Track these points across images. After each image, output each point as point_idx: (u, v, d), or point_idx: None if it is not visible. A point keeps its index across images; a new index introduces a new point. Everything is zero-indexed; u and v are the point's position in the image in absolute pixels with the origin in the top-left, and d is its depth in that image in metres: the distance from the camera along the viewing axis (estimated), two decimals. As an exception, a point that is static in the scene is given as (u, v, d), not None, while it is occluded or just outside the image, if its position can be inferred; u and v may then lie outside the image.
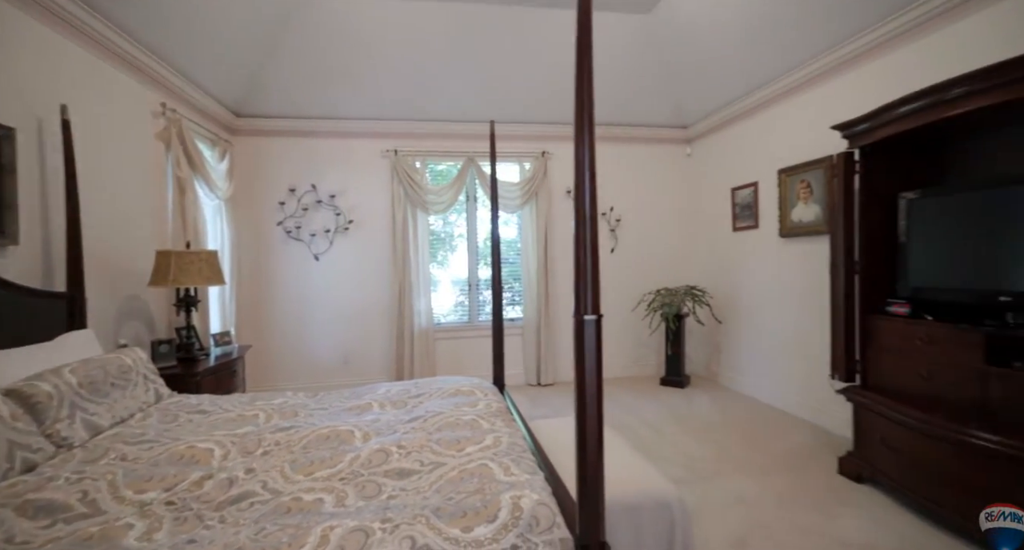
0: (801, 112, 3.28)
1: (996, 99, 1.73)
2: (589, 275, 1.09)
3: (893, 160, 2.43)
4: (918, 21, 2.45)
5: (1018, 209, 1.89)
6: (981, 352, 1.92)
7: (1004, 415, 1.85)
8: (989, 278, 1.98)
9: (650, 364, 4.64)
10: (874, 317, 2.42)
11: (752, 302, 3.85)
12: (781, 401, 3.51)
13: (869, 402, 2.32)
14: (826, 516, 2.08)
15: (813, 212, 3.20)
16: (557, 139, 4.50)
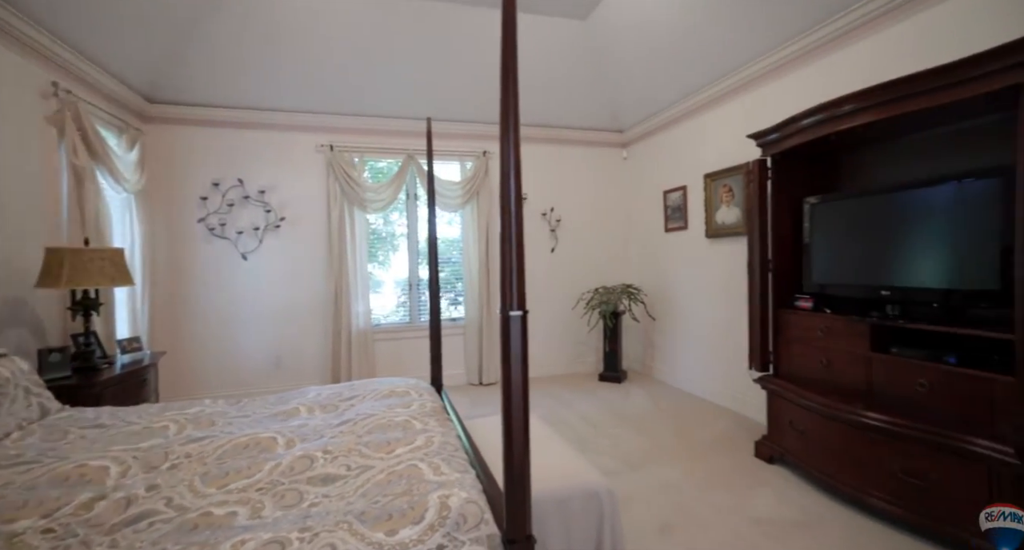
0: (725, 120, 3.51)
1: (876, 116, 1.95)
2: (515, 271, 1.10)
3: (800, 168, 2.67)
4: (825, 40, 2.68)
5: (893, 213, 2.14)
6: (867, 340, 2.16)
7: (884, 395, 2.09)
8: (873, 274, 2.22)
9: (589, 361, 4.78)
10: (784, 311, 2.64)
11: (682, 299, 4.07)
12: (708, 392, 3.74)
13: (779, 389, 2.53)
14: (742, 496, 2.25)
15: (734, 215, 3.44)
16: (498, 138, 4.52)
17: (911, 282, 2.07)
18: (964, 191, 1.88)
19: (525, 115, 4.81)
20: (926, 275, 2.03)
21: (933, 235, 2.01)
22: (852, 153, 2.59)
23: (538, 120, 4.51)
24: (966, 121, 2.03)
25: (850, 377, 2.26)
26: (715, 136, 3.62)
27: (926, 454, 1.84)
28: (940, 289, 1.96)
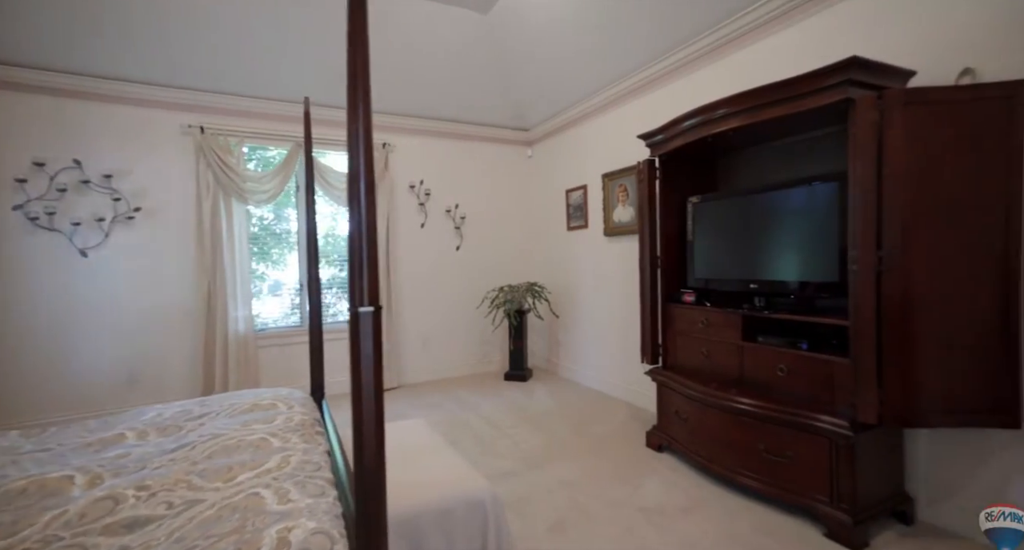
0: (622, 122, 3.62)
1: (743, 121, 2.09)
2: (365, 262, 0.95)
3: (685, 169, 2.81)
4: (711, 48, 2.82)
5: (758, 213, 2.32)
6: (739, 331, 2.32)
7: (753, 381, 2.26)
8: (744, 269, 2.39)
9: (494, 361, 4.73)
10: (671, 306, 2.77)
11: (584, 297, 4.17)
12: (609, 386, 3.86)
13: (667, 380, 2.65)
14: (632, 487, 2.30)
15: (629, 214, 3.57)
16: (401, 131, 4.30)
17: (774, 276, 2.26)
18: (812, 194, 2.08)
19: (428, 108, 4.62)
20: (785, 269, 2.22)
21: (790, 233, 2.20)
22: (728, 156, 2.78)
23: (442, 114, 4.36)
24: (819, 130, 2.25)
25: (726, 366, 2.41)
26: (612, 137, 3.73)
27: (784, 433, 2.00)
28: (796, 282, 2.16)
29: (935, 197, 1.67)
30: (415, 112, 4.26)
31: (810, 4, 2.29)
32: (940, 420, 1.72)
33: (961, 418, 1.71)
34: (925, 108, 1.66)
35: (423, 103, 4.20)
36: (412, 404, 3.69)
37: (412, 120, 4.30)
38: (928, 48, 1.87)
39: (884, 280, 1.72)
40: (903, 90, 1.72)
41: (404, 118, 4.26)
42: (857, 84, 1.75)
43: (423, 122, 4.36)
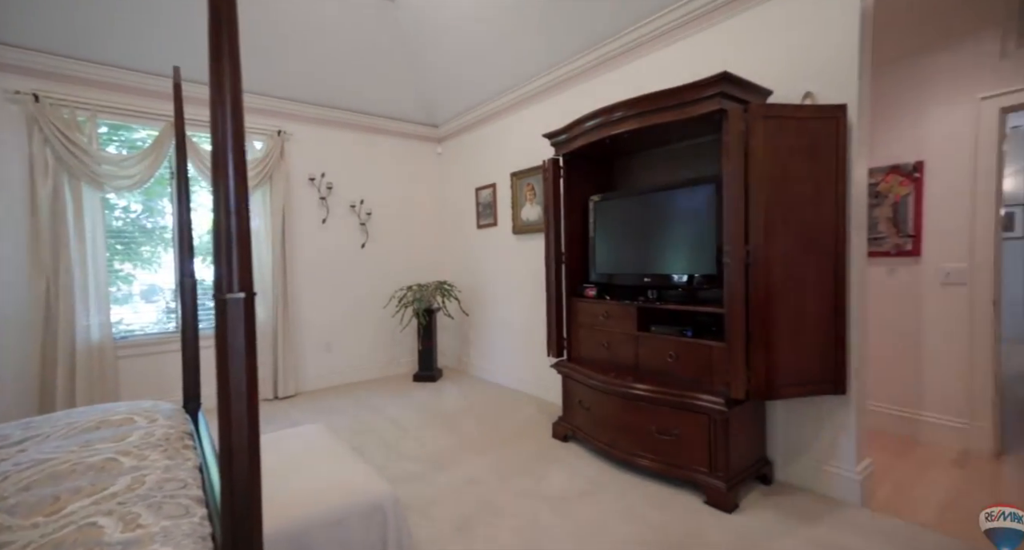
0: (530, 121, 3.69)
1: (637, 124, 2.23)
2: (234, 240, 0.84)
3: (587, 168, 2.95)
4: (612, 54, 2.97)
5: (650, 211, 2.51)
6: (635, 321, 2.48)
7: (647, 368, 2.43)
8: (640, 264, 2.57)
9: (404, 362, 4.58)
10: (575, 300, 2.88)
11: (494, 295, 4.19)
12: (518, 382, 3.91)
13: (571, 372, 2.74)
14: (538, 478, 2.34)
15: (537, 212, 3.66)
16: (300, 119, 3.98)
17: (665, 270, 2.45)
18: (695, 194, 2.29)
19: (331, 97, 4.33)
20: (674, 264, 2.41)
21: (677, 230, 2.40)
22: (625, 158, 2.97)
23: (347, 104, 4.12)
24: (702, 137, 2.48)
25: (624, 355, 2.57)
26: (520, 136, 3.80)
27: (672, 414, 2.17)
28: (683, 275, 2.35)
29: (786, 198, 1.93)
30: (316, 100, 3.98)
31: (693, 24, 2.52)
32: (792, 391, 1.98)
33: (807, 389, 1.99)
34: (778, 122, 1.91)
35: (326, 91, 3.93)
36: (313, 411, 3.43)
37: (313, 108, 4.01)
38: (781, 73, 2.16)
39: (751, 272, 1.94)
40: (763, 105, 1.96)
41: (304, 105, 3.95)
42: (728, 97, 1.96)
43: (326, 111, 4.08)
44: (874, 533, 1.81)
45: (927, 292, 2.65)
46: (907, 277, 2.71)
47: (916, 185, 2.65)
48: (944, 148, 2.57)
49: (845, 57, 1.97)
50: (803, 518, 1.93)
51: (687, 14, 2.50)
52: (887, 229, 2.76)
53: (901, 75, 2.71)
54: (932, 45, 2.59)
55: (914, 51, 2.65)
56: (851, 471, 2.04)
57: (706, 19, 2.46)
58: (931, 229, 2.62)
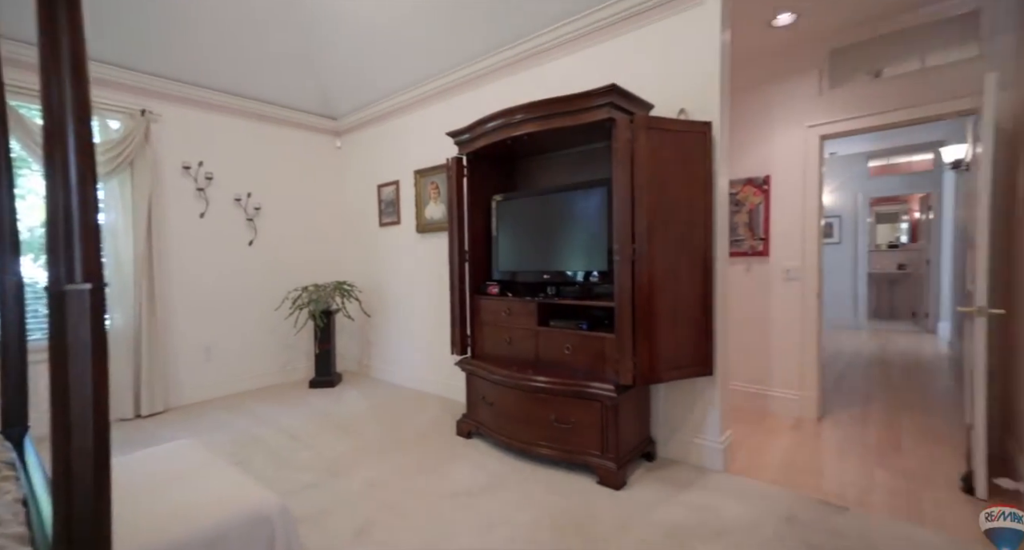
0: (435, 119, 3.66)
1: (536, 127, 2.34)
2: (76, 227, 0.73)
3: (491, 168, 3.01)
4: (516, 58, 3.06)
5: (549, 211, 2.64)
6: (535, 317, 2.59)
7: (546, 361, 2.55)
8: (540, 261, 2.69)
9: (299, 368, 4.26)
10: (478, 297, 2.92)
11: (398, 294, 4.08)
12: (423, 383, 3.85)
13: (474, 368, 2.77)
14: (441, 475, 2.33)
15: (441, 211, 3.65)
16: (172, 99, 3.52)
17: (563, 267, 2.59)
18: (589, 196, 2.46)
19: (211, 76, 3.91)
20: (571, 261, 2.56)
21: (574, 229, 2.55)
22: (527, 160, 3.08)
23: (233, 87, 3.74)
24: (598, 143, 2.65)
25: (525, 349, 2.66)
26: (426, 133, 3.76)
27: (569, 403, 2.30)
28: (579, 272, 2.51)
29: (665, 202, 2.16)
30: (194, 79, 3.55)
31: (588, 37, 2.71)
32: (671, 375, 2.22)
33: (683, 372, 2.24)
34: (659, 133, 2.13)
35: (205, 70, 3.53)
36: (187, 429, 3.03)
37: (189, 88, 3.57)
38: (660, 90, 2.41)
39: (636, 268, 2.13)
40: (647, 117, 2.17)
41: (177, 84, 3.50)
42: (617, 107, 2.14)
43: (205, 93, 3.65)
44: (731, 492, 2.10)
45: (774, 287, 3.13)
46: (759, 274, 3.19)
47: (765, 196, 3.13)
48: (784, 165, 3.07)
49: (710, 81, 2.27)
50: (678, 486, 2.17)
51: (583, 27, 2.68)
52: (745, 232, 3.21)
53: (753, 101, 3.18)
54: (775, 79, 3.09)
55: (763, 82, 3.13)
56: (716, 442, 2.34)
57: (599, 34, 2.66)
58: (776, 233, 3.11)
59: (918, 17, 2.63)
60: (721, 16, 2.24)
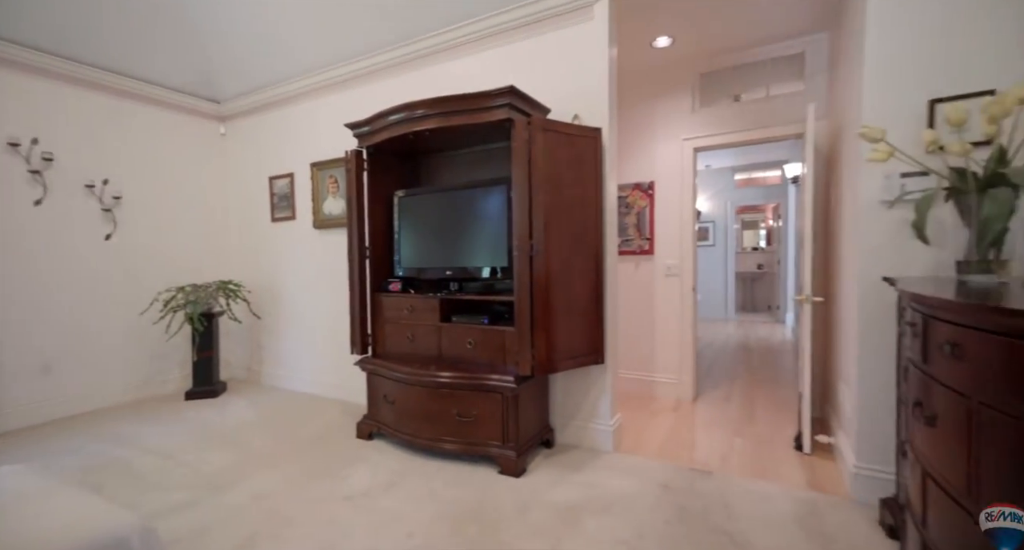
0: (336, 110, 3.46)
1: (438, 123, 2.35)
2: None
3: (393, 164, 2.95)
4: (421, 53, 3.02)
5: (452, 208, 2.67)
6: (438, 313, 2.60)
7: (449, 356, 2.57)
8: (443, 258, 2.70)
9: (173, 378, 3.78)
10: (380, 295, 2.85)
11: (293, 294, 3.81)
12: (321, 386, 3.64)
13: (376, 368, 2.70)
14: (338, 480, 2.24)
15: (340, 206, 3.48)
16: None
17: (466, 263, 2.62)
18: (490, 194, 2.53)
19: (53, 38, 3.39)
20: (474, 257, 2.61)
21: (476, 226, 2.60)
22: (431, 157, 3.06)
23: (83, 54, 3.21)
24: (500, 143, 2.71)
25: (428, 346, 2.65)
26: (323, 124, 3.56)
27: (471, 396, 2.34)
28: (481, 267, 2.57)
29: (561, 201, 2.30)
30: (22, 38, 2.98)
31: (492, 38, 2.77)
32: (567, 365, 2.37)
33: (578, 361, 2.41)
34: (555, 135, 2.27)
35: (45, 29, 2.98)
36: (22, 454, 2.54)
37: (16, 49, 2.99)
38: (557, 94, 2.56)
39: (534, 264, 2.24)
40: (543, 119, 2.30)
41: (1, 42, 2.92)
42: (515, 109, 2.23)
43: (40, 57, 3.09)
44: (619, 469, 2.30)
45: (657, 282, 3.48)
46: (646, 270, 3.52)
47: (650, 200, 3.47)
48: (665, 173, 3.43)
49: (600, 91, 2.47)
50: (573, 468, 2.32)
51: (484, 29, 2.75)
52: (634, 233, 3.53)
53: (641, 112, 3.50)
54: (658, 94, 3.44)
55: (649, 96, 3.47)
56: (607, 425, 2.54)
57: (501, 38, 2.74)
58: (660, 234, 3.47)
59: (762, 54, 3.11)
60: (608, 33, 2.44)
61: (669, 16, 2.73)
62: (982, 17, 1.69)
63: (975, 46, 1.70)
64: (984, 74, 1.67)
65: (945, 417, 1.05)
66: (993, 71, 1.65)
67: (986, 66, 1.67)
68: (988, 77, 1.65)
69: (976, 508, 0.93)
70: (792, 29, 2.88)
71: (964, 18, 1.71)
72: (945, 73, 1.73)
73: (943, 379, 1.06)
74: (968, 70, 1.69)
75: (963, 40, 1.71)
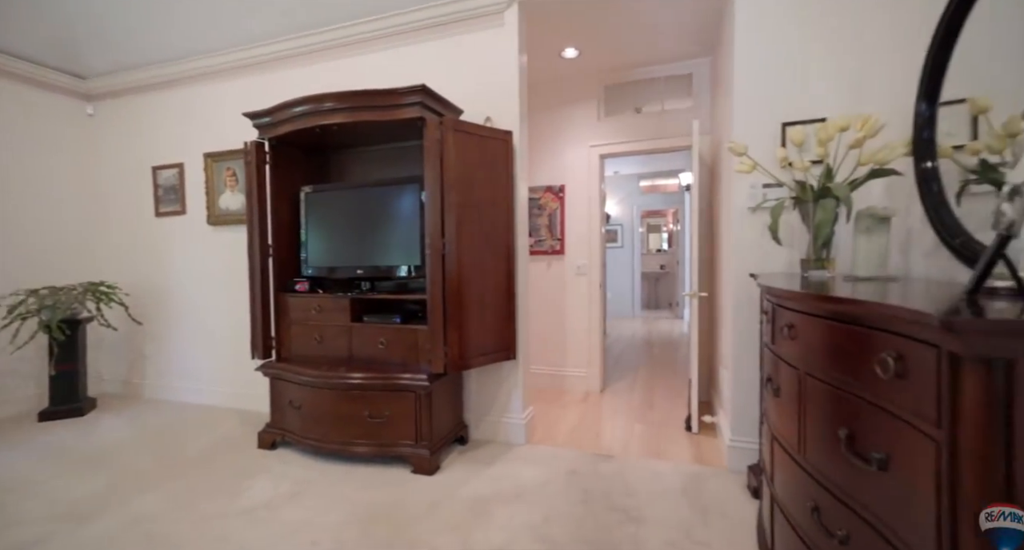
0: (232, 96, 3.20)
1: (346, 118, 2.28)
2: None
3: (301, 158, 2.80)
4: (334, 44, 2.88)
5: (365, 206, 2.60)
6: (348, 313, 2.52)
7: (360, 357, 2.50)
8: (354, 256, 2.62)
9: (24, 397, 3.23)
10: (284, 295, 2.69)
11: (184, 296, 3.45)
12: (216, 397, 3.33)
13: (280, 372, 2.54)
14: (234, 494, 2.08)
15: (239, 201, 3.22)
16: None
17: (379, 262, 2.57)
18: (404, 192, 2.51)
19: None
20: (387, 256, 2.56)
21: (389, 224, 2.56)
22: (343, 152, 2.95)
23: None
24: (414, 141, 2.67)
25: (338, 347, 2.56)
26: (222, 112, 3.25)
27: (383, 397, 2.30)
28: (395, 266, 2.53)
29: (473, 201, 2.34)
30: None
31: (408, 35, 2.74)
32: (479, 361, 2.42)
33: (490, 357, 2.47)
34: (467, 136, 2.31)
35: None
36: None
37: None
38: (470, 96, 2.60)
39: (446, 262, 2.26)
40: (456, 119, 2.33)
41: None
42: (427, 108, 2.24)
43: None
44: (530, 459, 2.40)
45: (568, 281, 3.67)
46: (557, 270, 3.69)
47: (561, 202, 3.64)
48: (575, 177, 3.64)
49: (511, 95, 2.55)
50: (486, 463, 2.37)
51: (394, 26, 2.72)
52: (546, 233, 3.68)
53: (552, 118, 3.67)
54: (568, 102, 3.63)
55: (560, 103, 3.65)
56: (519, 419, 2.63)
57: (413, 36, 2.72)
58: (570, 235, 3.65)
59: (657, 72, 3.43)
60: (519, 40, 2.54)
61: (575, 29, 2.90)
62: (818, 57, 2.03)
63: (813, 79, 2.03)
64: (822, 104, 2.00)
65: (785, 388, 1.25)
66: (826, 102, 1.99)
67: (824, 97, 2.01)
68: (823, 107, 1.99)
69: (804, 460, 1.13)
70: (681, 53, 3.21)
71: (804, 56, 2.04)
72: (792, 101, 2.05)
73: (784, 356, 1.27)
74: (809, 99, 2.03)
75: (804, 74, 2.04)
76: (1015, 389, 0.59)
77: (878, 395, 0.85)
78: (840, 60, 1.99)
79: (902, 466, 0.78)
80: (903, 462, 0.78)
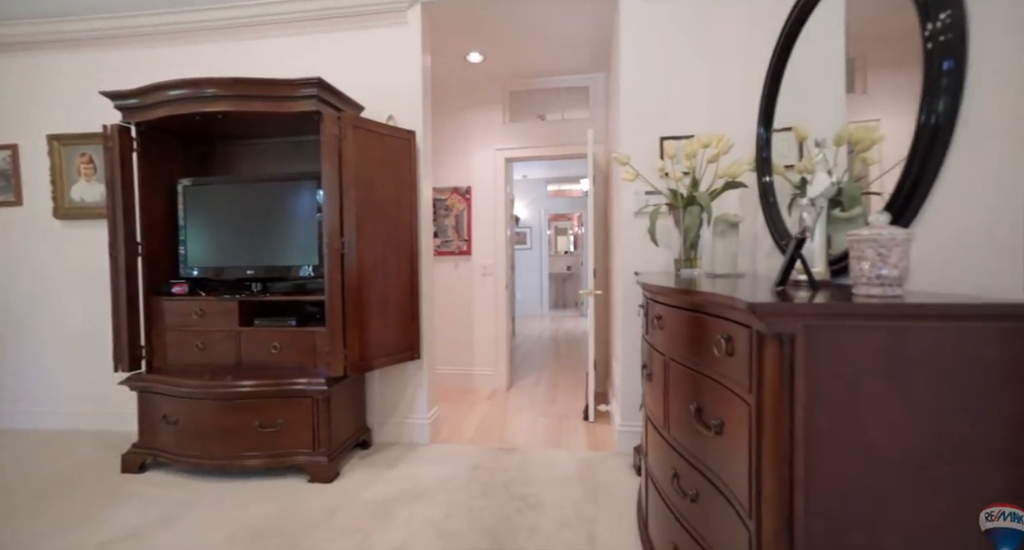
0: (88, 70, 2.79)
1: (231, 107, 2.12)
2: None
3: (179, 148, 2.54)
4: (220, 25, 2.66)
5: (256, 202, 2.43)
6: (237, 317, 2.33)
7: (250, 364, 2.33)
8: (243, 256, 2.43)
9: None
10: (158, 299, 2.41)
11: (23, 305, 2.92)
12: (66, 419, 2.87)
13: (151, 385, 2.27)
14: (92, 526, 1.82)
15: (99, 192, 2.81)
16: None
17: (272, 262, 2.41)
18: (300, 189, 2.38)
19: None
20: (282, 255, 2.41)
21: (283, 222, 2.41)
22: (231, 143, 2.72)
23: None
24: (311, 135, 2.52)
25: (223, 354, 2.35)
26: (74, 87, 2.81)
27: (276, 404, 2.16)
28: (290, 266, 2.39)
29: (375, 199, 2.30)
30: None
31: (299, 25, 2.61)
32: (382, 362, 2.37)
33: (393, 358, 2.44)
34: (367, 133, 2.26)
35: None
36: None
37: None
38: (371, 93, 2.55)
39: (346, 261, 2.19)
40: (355, 116, 2.27)
41: None
42: (324, 102, 2.16)
43: None
44: (434, 458, 2.41)
45: (475, 281, 3.73)
46: (465, 270, 3.74)
47: (468, 204, 3.70)
48: (481, 179, 3.71)
49: (414, 95, 2.55)
50: (389, 465, 2.33)
51: (289, 12, 2.58)
52: (453, 234, 3.71)
53: (458, 120, 3.71)
54: (474, 105, 3.70)
55: (466, 106, 3.70)
56: (424, 419, 2.63)
57: (312, 26, 2.60)
58: (477, 236, 3.72)
59: (558, 83, 3.63)
60: (422, 40, 2.55)
61: (479, 34, 2.97)
62: (690, 80, 2.31)
63: (687, 99, 2.31)
64: (693, 122, 2.28)
65: (655, 372, 1.42)
66: (696, 120, 2.28)
67: (695, 115, 2.29)
68: (694, 124, 2.27)
69: (668, 435, 1.29)
70: (580, 66, 3.43)
71: (678, 78, 2.32)
72: (668, 118, 2.31)
73: (655, 344, 1.44)
74: (682, 117, 2.30)
75: (680, 94, 2.32)
76: (795, 358, 0.75)
77: (717, 371, 1.01)
78: (707, 84, 2.29)
79: (731, 429, 0.94)
80: (732, 426, 0.94)
